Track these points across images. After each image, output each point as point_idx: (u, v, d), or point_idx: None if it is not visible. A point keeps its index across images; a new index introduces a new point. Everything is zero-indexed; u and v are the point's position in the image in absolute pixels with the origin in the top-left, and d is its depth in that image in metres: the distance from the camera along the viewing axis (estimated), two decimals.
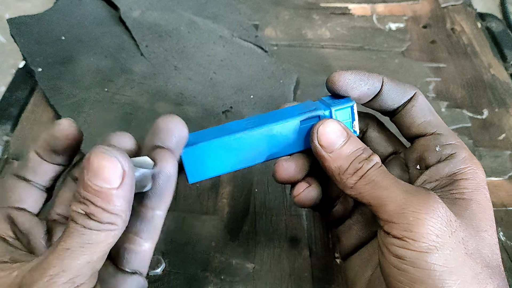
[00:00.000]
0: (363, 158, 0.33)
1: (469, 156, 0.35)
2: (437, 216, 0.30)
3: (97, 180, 0.25)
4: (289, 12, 0.72)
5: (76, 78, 0.56)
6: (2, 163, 0.49)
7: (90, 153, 0.25)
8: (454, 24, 0.70)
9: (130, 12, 0.66)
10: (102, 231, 0.26)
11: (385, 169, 0.33)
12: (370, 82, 0.36)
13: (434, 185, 0.35)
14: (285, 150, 0.35)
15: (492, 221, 0.33)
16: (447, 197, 0.33)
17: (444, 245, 0.30)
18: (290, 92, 0.57)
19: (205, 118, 0.53)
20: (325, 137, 0.33)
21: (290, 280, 0.41)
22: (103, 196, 0.25)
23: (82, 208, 0.25)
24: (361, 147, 0.34)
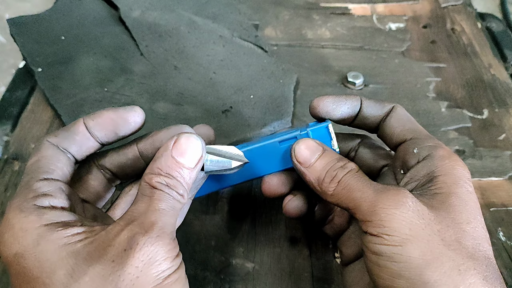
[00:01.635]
0: (338, 167, 0.35)
1: (447, 154, 0.35)
2: (406, 210, 0.31)
3: (181, 157, 0.32)
4: (289, 12, 0.72)
5: (76, 78, 0.56)
6: (2, 163, 0.49)
7: (179, 135, 0.32)
8: (454, 24, 0.70)
9: (130, 12, 0.66)
10: (178, 201, 0.31)
11: (360, 174, 0.35)
12: (349, 102, 0.39)
13: (414, 185, 0.35)
14: (268, 169, 0.39)
15: (476, 213, 0.33)
16: (426, 193, 0.34)
17: (418, 237, 0.31)
18: (290, 92, 0.57)
19: (205, 118, 0.53)
20: (300, 154, 0.36)
21: (290, 279, 0.41)
22: (183, 173, 0.32)
23: (166, 180, 0.31)
24: (336, 158, 0.36)
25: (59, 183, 0.31)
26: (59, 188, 0.31)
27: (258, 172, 0.39)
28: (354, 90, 0.59)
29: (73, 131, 0.33)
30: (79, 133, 0.34)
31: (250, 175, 0.39)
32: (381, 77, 0.61)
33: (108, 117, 0.34)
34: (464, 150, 0.52)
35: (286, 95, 0.56)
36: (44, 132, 0.52)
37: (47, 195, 0.30)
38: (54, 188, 0.31)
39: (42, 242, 0.28)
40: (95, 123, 0.34)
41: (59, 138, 0.33)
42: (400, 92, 0.59)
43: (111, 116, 0.34)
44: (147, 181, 0.31)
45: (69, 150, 0.33)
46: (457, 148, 0.52)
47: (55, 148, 0.33)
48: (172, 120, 0.52)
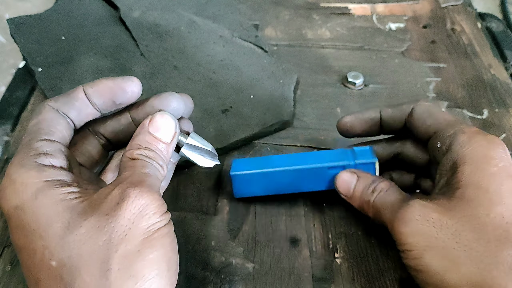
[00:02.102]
0: (369, 192, 0.39)
1: (466, 138, 0.35)
2: (416, 224, 0.34)
3: (157, 132, 0.34)
4: (289, 12, 0.72)
5: (76, 78, 0.56)
6: (2, 163, 0.49)
7: (155, 114, 0.35)
8: (454, 24, 0.70)
9: (130, 12, 0.66)
10: (159, 171, 0.34)
11: (389, 192, 0.38)
12: (368, 115, 0.43)
13: (444, 182, 0.36)
14: (314, 187, 0.44)
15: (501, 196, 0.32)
16: (449, 190, 0.35)
17: (433, 246, 0.33)
18: (290, 92, 0.57)
19: (205, 118, 0.53)
20: (341, 187, 0.41)
21: (290, 280, 0.41)
22: (160, 146, 0.34)
23: (145, 152, 0.33)
24: (368, 183, 0.40)
25: (59, 145, 0.33)
26: (59, 149, 0.32)
27: (304, 187, 0.44)
28: (354, 90, 0.59)
29: (73, 97, 0.35)
30: (79, 99, 0.35)
31: (295, 189, 0.44)
32: (381, 77, 0.61)
33: (107, 85, 0.35)
34: None
35: (286, 95, 0.56)
36: None
37: (48, 154, 0.31)
38: (54, 149, 0.32)
39: (39, 197, 0.29)
40: (94, 90, 0.35)
41: (59, 103, 0.34)
42: (400, 92, 0.59)
43: (109, 84, 0.35)
44: (128, 156, 0.33)
45: (68, 115, 0.34)
46: None
47: (55, 112, 0.34)
48: None
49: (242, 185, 0.44)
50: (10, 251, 0.42)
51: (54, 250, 0.28)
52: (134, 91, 0.36)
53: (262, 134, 0.53)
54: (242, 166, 0.44)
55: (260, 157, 0.46)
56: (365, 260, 0.42)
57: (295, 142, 0.53)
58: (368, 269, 0.42)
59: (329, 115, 0.56)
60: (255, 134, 0.52)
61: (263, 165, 0.44)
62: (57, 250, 0.28)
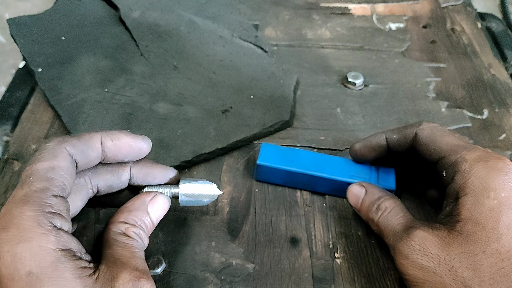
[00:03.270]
0: (373, 210, 0.40)
1: (468, 167, 0.35)
2: (416, 257, 0.34)
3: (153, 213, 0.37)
4: (289, 12, 0.72)
5: (76, 78, 0.56)
6: (2, 163, 0.49)
7: (158, 195, 0.37)
8: (454, 24, 0.70)
9: (130, 13, 0.66)
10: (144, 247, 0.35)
11: (391, 214, 0.39)
12: (374, 141, 0.44)
13: (448, 210, 0.37)
14: (331, 192, 0.47)
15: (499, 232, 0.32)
16: (451, 221, 0.35)
17: (431, 280, 0.34)
18: (290, 93, 0.57)
19: (205, 118, 0.53)
20: (351, 200, 0.43)
21: (290, 280, 0.41)
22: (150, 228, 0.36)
23: (139, 232, 0.35)
24: (374, 198, 0.41)
25: (67, 204, 0.31)
26: (67, 210, 0.31)
27: (322, 190, 0.47)
28: (354, 90, 0.59)
29: (90, 146, 0.33)
30: (95, 150, 0.34)
31: (312, 189, 0.48)
32: (381, 77, 0.61)
33: (127, 143, 0.35)
34: None
35: (286, 96, 0.56)
36: (44, 133, 0.52)
37: (61, 216, 0.29)
38: (65, 209, 0.30)
39: (60, 268, 0.27)
40: (114, 144, 0.34)
41: (76, 150, 0.32)
42: (400, 92, 0.59)
43: (129, 142, 0.35)
44: (123, 230, 0.34)
45: (78, 164, 0.33)
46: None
47: (70, 161, 0.32)
48: (173, 120, 0.52)
49: (265, 173, 0.47)
50: None
51: None
52: (146, 152, 0.37)
53: (262, 134, 0.53)
54: (269, 156, 0.47)
55: (288, 148, 0.48)
56: (365, 260, 0.42)
57: (295, 142, 0.53)
58: (368, 270, 0.42)
59: (329, 115, 0.56)
60: (255, 135, 0.52)
61: (288, 161, 0.46)
62: None
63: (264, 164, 0.46)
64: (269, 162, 0.46)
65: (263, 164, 0.46)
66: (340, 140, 0.53)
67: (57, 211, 0.29)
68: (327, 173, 0.45)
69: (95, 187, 0.36)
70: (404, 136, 0.42)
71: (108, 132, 0.35)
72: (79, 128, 0.51)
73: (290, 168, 0.46)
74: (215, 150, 0.50)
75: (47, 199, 0.29)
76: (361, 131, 0.54)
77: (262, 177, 0.48)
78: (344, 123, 0.55)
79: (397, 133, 0.42)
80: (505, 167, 0.34)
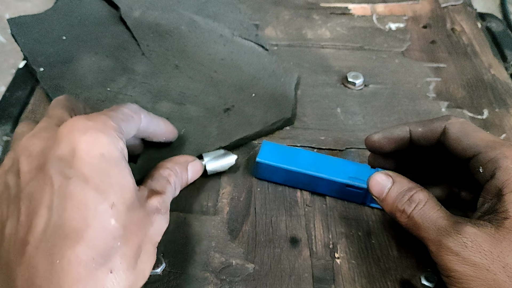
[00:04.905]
0: (405, 201, 0.38)
1: (511, 163, 0.34)
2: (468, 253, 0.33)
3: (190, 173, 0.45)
4: (289, 12, 0.72)
5: (78, 78, 0.56)
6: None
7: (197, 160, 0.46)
8: (454, 24, 0.70)
9: (131, 12, 0.66)
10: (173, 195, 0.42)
11: (428, 206, 0.37)
12: (396, 133, 0.42)
13: (488, 207, 0.36)
14: (331, 193, 0.47)
15: None
16: (496, 218, 0.34)
17: (483, 278, 0.32)
18: (291, 91, 0.57)
19: (207, 117, 0.53)
20: (374, 188, 0.40)
21: (290, 280, 0.41)
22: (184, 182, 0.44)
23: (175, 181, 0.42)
24: (404, 189, 0.38)
25: None
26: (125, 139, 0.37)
27: (321, 190, 0.47)
28: (354, 90, 0.59)
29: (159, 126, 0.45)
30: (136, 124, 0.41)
31: (312, 189, 0.48)
32: (381, 77, 0.61)
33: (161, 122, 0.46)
34: None
35: (287, 94, 0.56)
36: None
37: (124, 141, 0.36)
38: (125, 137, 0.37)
39: (122, 162, 0.34)
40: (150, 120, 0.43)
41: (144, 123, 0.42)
42: (400, 92, 0.59)
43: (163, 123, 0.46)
44: (166, 174, 0.41)
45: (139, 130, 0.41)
46: None
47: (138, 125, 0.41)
48: (175, 119, 0.52)
49: (264, 171, 0.48)
50: None
51: (118, 212, 0.32)
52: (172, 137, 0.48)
53: (264, 132, 0.53)
54: (269, 154, 0.47)
55: (289, 147, 0.48)
56: (366, 260, 0.42)
57: (295, 142, 0.53)
58: (369, 270, 0.42)
59: (329, 115, 0.56)
60: (258, 133, 0.52)
61: (288, 160, 0.46)
62: (120, 214, 0.32)
63: (263, 162, 0.46)
64: (269, 160, 0.46)
65: (262, 161, 0.46)
66: (340, 140, 0.53)
67: (124, 138, 0.36)
68: (326, 173, 0.45)
69: None
70: (430, 129, 0.40)
71: None
72: None
73: (289, 167, 0.46)
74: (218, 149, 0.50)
75: (122, 126, 0.36)
76: (361, 131, 0.54)
77: (262, 174, 0.48)
78: (344, 123, 0.55)
79: (423, 126, 0.41)
80: None
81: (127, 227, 0.32)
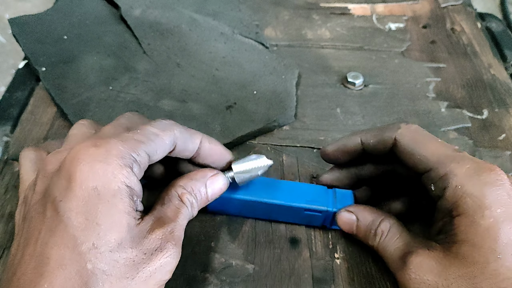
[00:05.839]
0: (371, 236, 0.39)
1: (460, 182, 0.34)
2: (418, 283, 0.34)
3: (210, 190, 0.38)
4: (289, 12, 0.72)
5: (80, 77, 0.57)
6: (2, 164, 0.49)
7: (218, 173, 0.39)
8: (454, 24, 0.70)
9: (131, 11, 0.66)
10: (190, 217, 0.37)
11: (388, 238, 0.38)
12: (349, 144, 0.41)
13: (441, 225, 0.36)
14: (287, 219, 0.44)
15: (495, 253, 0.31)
16: (447, 240, 0.34)
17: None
18: (293, 87, 0.57)
19: (210, 114, 0.53)
20: (344, 227, 0.41)
21: (290, 281, 0.41)
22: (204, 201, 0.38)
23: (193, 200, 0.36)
24: (368, 223, 0.40)
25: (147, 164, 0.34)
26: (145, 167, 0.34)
27: (279, 219, 0.45)
28: (354, 90, 0.59)
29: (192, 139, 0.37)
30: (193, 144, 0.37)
31: (270, 218, 0.45)
32: (381, 77, 0.61)
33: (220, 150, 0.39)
34: (464, 151, 0.52)
35: (288, 90, 0.57)
36: (44, 134, 0.52)
37: (140, 166, 0.33)
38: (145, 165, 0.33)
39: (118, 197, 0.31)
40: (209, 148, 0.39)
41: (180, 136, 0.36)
42: (400, 92, 0.59)
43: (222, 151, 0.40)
44: (179, 193, 0.36)
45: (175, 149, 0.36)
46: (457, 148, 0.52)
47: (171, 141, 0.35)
48: (178, 117, 0.52)
49: (216, 204, 0.41)
50: None
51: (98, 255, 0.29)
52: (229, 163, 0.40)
53: (267, 129, 0.53)
54: None
55: None
56: (365, 260, 0.42)
57: (295, 142, 0.53)
58: (368, 270, 0.42)
59: (329, 115, 0.56)
60: (260, 129, 0.53)
61: (240, 189, 0.42)
62: (100, 257, 0.29)
63: None
64: None
65: None
66: None
67: (139, 162, 0.32)
68: (281, 199, 0.42)
69: None
70: (382, 141, 0.39)
71: (208, 136, 0.39)
72: None
73: (242, 196, 0.42)
74: None
75: (139, 150, 0.32)
76: None
77: (214, 207, 0.44)
78: (344, 123, 0.55)
79: (374, 137, 0.39)
80: (497, 180, 0.33)
81: (107, 271, 0.29)
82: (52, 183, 0.31)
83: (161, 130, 0.34)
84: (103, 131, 0.35)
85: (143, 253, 0.31)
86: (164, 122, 0.36)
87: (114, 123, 0.36)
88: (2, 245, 0.42)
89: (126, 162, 0.31)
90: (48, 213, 0.30)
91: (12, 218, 0.44)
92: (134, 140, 0.32)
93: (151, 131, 0.34)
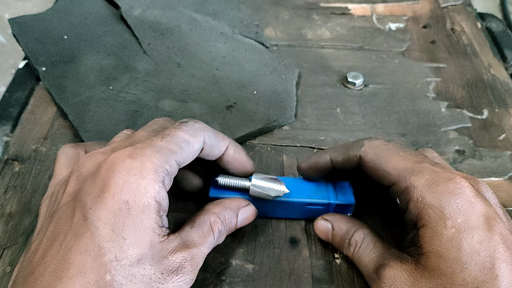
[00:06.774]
0: (345, 246, 0.40)
1: (420, 196, 0.34)
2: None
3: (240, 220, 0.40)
4: (289, 12, 0.72)
5: (81, 77, 0.57)
6: (2, 164, 0.49)
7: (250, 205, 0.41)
8: (454, 24, 0.70)
9: (131, 11, 0.66)
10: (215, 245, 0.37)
11: (362, 248, 0.38)
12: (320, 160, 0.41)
13: (411, 237, 0.36)
14: (289, 215, 0.45)
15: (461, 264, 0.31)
16: (415, 253, 0.35)
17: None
18: (293, 87, 0.57)
19: (210, 114, 0.53)
20: (321, 235, 0.42)
21: (289, 281, 0.41)
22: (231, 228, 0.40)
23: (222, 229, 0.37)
24: (343, 232, 0.40)
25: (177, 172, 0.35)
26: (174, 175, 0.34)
27: (282, 215, 0.45)
28: (354, 90, 0.59)
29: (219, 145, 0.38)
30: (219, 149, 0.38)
31: (273, 215, 0.45)
32: (381, 77, 0.61)
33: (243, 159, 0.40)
34: (464, 151, 0.52)
35: (288, 90, 0.57)
36: (44, 133, 0.52)
37: (170, 177, 0.34)
38: (174, 174, 0.34)
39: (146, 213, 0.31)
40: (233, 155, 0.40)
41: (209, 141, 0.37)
42: (400, 92, 0.59)
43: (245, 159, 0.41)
44: (211, 220, 0.37)
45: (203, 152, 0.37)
46: (457, 148, 0.52)
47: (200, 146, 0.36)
48: (178, 117, 0.52)
49: None
50: (10, 253, 0.42)
51: (118, 267, 0.30)
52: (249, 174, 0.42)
53: (267, 129, 0.53)
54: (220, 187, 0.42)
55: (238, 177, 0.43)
56: None
57: (295, 142, 0.53)
58: None
59: (329, 115, 0.56)
60: (260, 129, 0.53)
61: None
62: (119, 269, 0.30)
63: (217, 197, 0.42)
64: (221, 194, 0.42)
65: (216, 197, 0.42)
66: (340, 140, 0.53)
67: (171, 173, 0.33)
68: (284, 195, 0.42)
69: None
70: (347, 159, 0.39)
71: (235, 143, 0.40)
72: (85, 126, 0.51)
73: (245, 196, 0.42)
74: None
75: (170, 160, 0.33)
76: (361, 131, 0.54)
77: None
78: (344, 123, 0.55)
79: (341, 155, 0.40)
80: (457, 189, 0.33)
81: (124, 285, 0.30)
82: (84, 187, 0.32)
83: (192, 136, 0.35)
84: (136, 136, 0.36)
85: (161, 272, 0.31)
86: (196, 126, 0.36)
87: (146, 128, 0.37)
88: (2, 244, 0.42)
89: (159, 176, 0.32)
90: (76, 218, 0.31)
91: (12, 218, 0.44)
92: (167, 150, 0.33)
93: (183, 138, 0.34)
